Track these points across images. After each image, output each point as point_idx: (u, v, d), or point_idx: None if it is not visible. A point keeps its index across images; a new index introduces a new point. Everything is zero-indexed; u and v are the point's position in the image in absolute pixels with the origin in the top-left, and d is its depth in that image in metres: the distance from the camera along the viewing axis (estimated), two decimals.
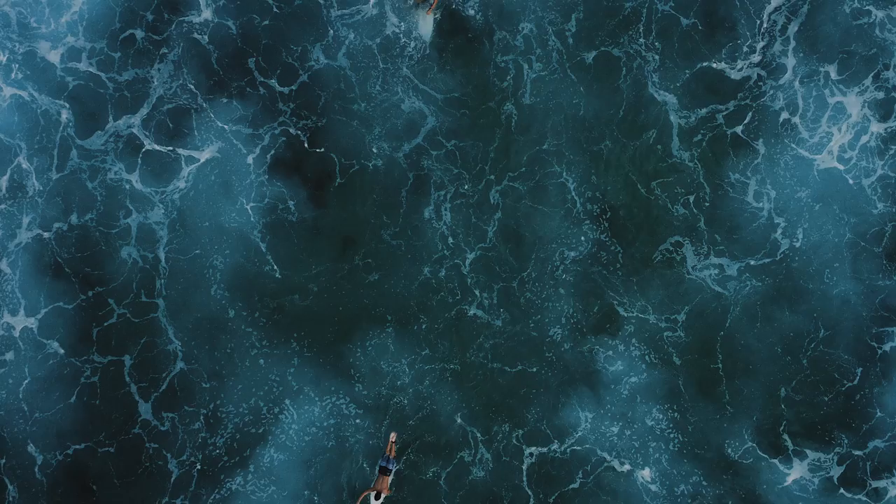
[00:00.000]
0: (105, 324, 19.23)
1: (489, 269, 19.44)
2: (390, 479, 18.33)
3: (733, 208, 19.00)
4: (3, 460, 18.79)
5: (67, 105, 19.71)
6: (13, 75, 19.87)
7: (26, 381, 19.06)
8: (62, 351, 19.23)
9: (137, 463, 18.73)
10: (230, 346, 19.03)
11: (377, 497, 18.09)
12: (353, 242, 19.72)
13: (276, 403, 18.96)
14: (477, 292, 19.42)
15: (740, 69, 19.27)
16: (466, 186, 19.64)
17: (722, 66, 19.34)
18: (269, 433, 18.83)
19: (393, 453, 18.57)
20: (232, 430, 18.82)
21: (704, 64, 19.35)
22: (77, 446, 18.78)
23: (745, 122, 19.12)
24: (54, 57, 19.86)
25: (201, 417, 18.88)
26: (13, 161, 19.68)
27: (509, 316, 19.27)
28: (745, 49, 19.28)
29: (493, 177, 19.51)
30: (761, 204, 19.03)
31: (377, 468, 18.35)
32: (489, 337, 19.29)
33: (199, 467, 18.69)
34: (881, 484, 18.19)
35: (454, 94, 19.60)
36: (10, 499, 18.63)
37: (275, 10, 19.75)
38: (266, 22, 19.89)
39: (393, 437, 18.81)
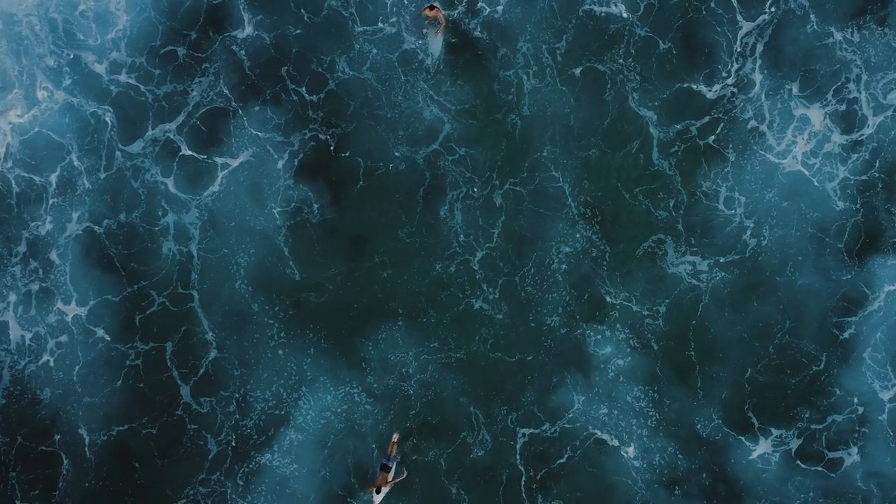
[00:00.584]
0: (147, 312, 20.68)
1: (494, 265, 20.69)
2: (391, 473, 19.57)
3: (707, 214, 20.34)
4: (59, 436, 20.24)
5: (111, 110, 21.06)
6: (63, 80, 21.18)
7: (79, 365, 20.55)
8: (108, 338, 20.71)
9: (179, 443, 20.09)
10: (255, 337, 20.42)
11: (377, 492, 19.34)
12: (370, 241, 21.02)
13: (294, 390, 20.30)
14: (484, 286, 20.61)
15: (715, 90, 20.57)
16: (475, 189, 20.78)
17: (699, 87, 20.63)
18: (290, 416, 20.16)
19: (394, 452, 19.80)
20: (259, 412, 20.23)
21: (682, 85, 20.63)
22: (121, 427, 20.20)
23: (717, 132, 20.42)
24: (99, 69, 21.22)
25: (234, 401, 20.25)
26: (65, 159, 21.08)
27: (510, 309, 20.54)
28: (721, 73, 20.56)
29: (497, 181, 20.69)
30: (733, 210, 20.31)
31: (378, 466, 19.76)
32: (491, 328, 20.64)
33: (233, 445, 19.95)
34: (837, 455, 19.44)
35: (465, 106, 21.00)
36: (65, 472, 19.83)
37: (305, 18, 21.01)
38: (298, 31, 21.13)
39: (395, 437, 20.06)
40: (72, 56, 21.24)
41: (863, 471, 19.40)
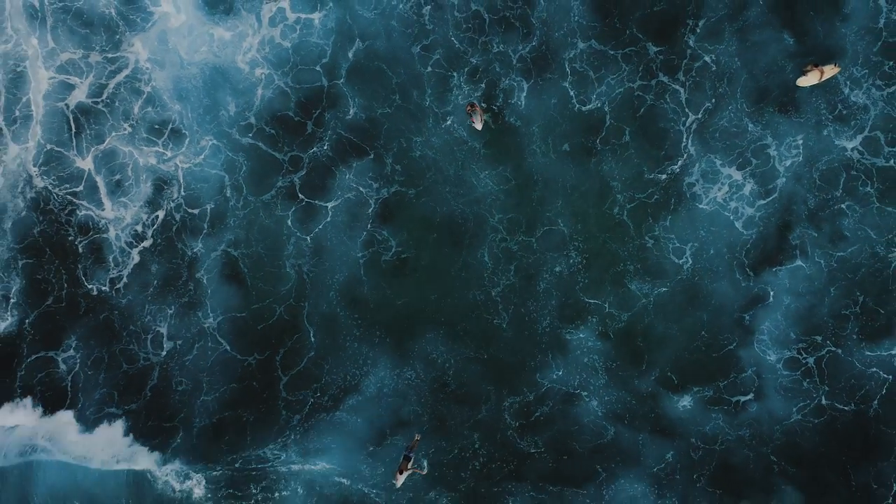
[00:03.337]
0: (270, 321, 24.66)
1: (507, 296, 25.00)
2: (411, 462, 22.41)
3: (655, 261, 24.56)
4: (182, 414, 24.50)
5: (245, 162, 24.46)
6: (215, 131, 24.47)
7: (208, 366, 24.46)
8: (231, 345, 24.51)
9: (276, 422, 24.88)
10: (343, 334, 24.77)
11: (400, 473, 22.31)
12: (425, 272, 24.90)
13: (362, 367, 24.71)
14: (503, 314, 24.99)
15: (663, 169, 24.35)
16: (502, 240, 24.64)
17: (652, 170, 24.34)
18: (358, 385, 24.77)
19: (415, 447, 23.12)
20: (335, 388, 24.86)
21: (638, 169, 24.42)
22: (223, 415, 24.58)
23: (661, 192, 24.35)
24: (235, 133, 24.49)
25: (320, 388, 24.84)
26: (218, 194, 24.74)
27: (516, 327, 24.91)
28: (669, 155, 24.31)
29: (518, 233, 24.81)
30: (683, 258, 24.54)
31: (402, 457, 22.68)
32: (502, 338, 24.97)
33: (311, 402, 24.72)
34: (737, 398, 24.20)
35: (503, 187, 24.77)
36: (179, 441, 24.48)
37: (397, 101, 24.54)
38: (388, 111, 24.49)
39: (417, 437, 23.46)
40: (221, 111, 24.42)
41: (756, 407, 24.35)
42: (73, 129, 24.19)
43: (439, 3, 24.64)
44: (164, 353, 24.72)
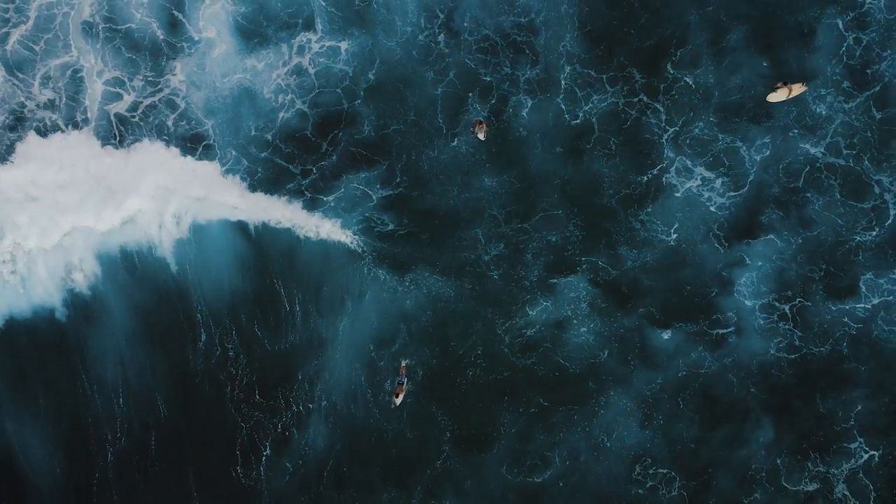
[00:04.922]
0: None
1: (499, 262, 28.39)
2: (404, 387, 25.77)
3: (643, 238, 28.07)
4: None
5: (260, 171, 27.73)
6: (235, 139, 27.56)
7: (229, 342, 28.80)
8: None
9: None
10: (347, 280, 28.76)
11: (397, 396, 25.75)
12: (431, 243, 28.20)
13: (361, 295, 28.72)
14: (494, 272, 28.43)
15: (647, 174, 27.99)
16: (499, 227, 28.02)
17: (635, 174, 27.91)
18: (366, 292, 28.66)
19: (404, 373, 26.53)
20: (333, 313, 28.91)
21: (624, 174, 27.74)
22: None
23: (643, 188, 27.91)
24: (254, 149, 27.63)
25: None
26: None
27: (505, 279, 28.38)
28: (652, 161, 27.75)
29: (513, 219, 28.05)
30: (669, 238, 27.94)
31: (396, 382, 26.15)
32: (493, 286, 28.51)
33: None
34: (717, 331, 27.88)
35: (507, 189, 27.92)
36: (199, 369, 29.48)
37: (412, 117, 27.49)
38: (402, 127, 27.36)
39: (407, 362, 27.00)
40: (247, 129, 27.37)
41: (735, 339, 28.30)
42: (118, 137, 27.17)
43: (453, 30, 27.30)
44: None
